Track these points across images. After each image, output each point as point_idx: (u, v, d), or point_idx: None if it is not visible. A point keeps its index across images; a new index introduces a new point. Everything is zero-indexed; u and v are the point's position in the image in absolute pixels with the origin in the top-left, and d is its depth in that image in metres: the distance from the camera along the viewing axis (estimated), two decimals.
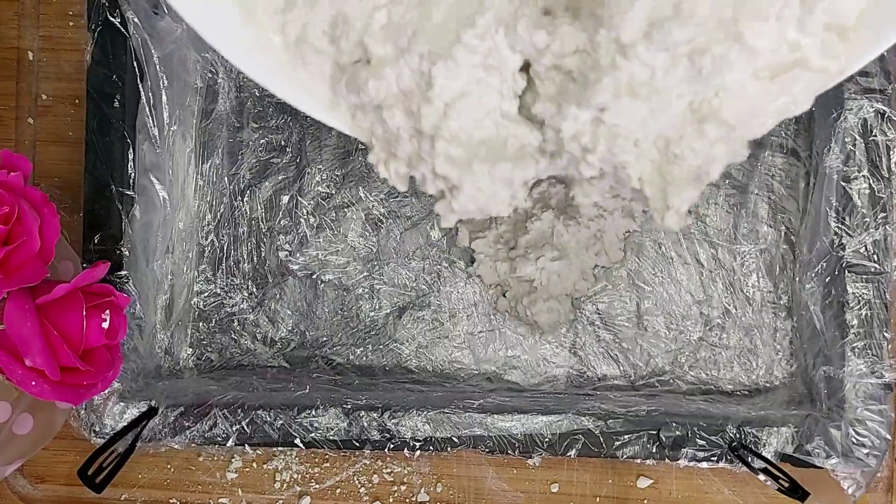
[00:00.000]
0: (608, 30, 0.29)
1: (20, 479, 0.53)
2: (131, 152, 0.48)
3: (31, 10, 0.53)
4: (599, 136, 0.31)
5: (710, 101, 0.30)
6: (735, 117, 0.30)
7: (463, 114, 0.32)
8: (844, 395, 0.46)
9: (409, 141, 0.34)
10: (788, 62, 0.29)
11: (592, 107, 0.30)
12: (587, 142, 0.31)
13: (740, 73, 0.29)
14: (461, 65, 0.32)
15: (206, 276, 0.54)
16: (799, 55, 0.29)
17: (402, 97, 0.33)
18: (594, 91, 0.30)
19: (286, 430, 0.48)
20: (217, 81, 0.54)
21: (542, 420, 0.47)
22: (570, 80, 0.31)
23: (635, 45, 0.29)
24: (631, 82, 0.29)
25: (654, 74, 0.29)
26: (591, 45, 0.30)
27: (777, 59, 0.29)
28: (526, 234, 0.51)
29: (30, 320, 0.39)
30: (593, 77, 0.30)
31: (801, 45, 0.29)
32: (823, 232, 0.48)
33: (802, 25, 0.29)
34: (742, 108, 0.30)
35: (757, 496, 0.50)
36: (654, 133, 0.31)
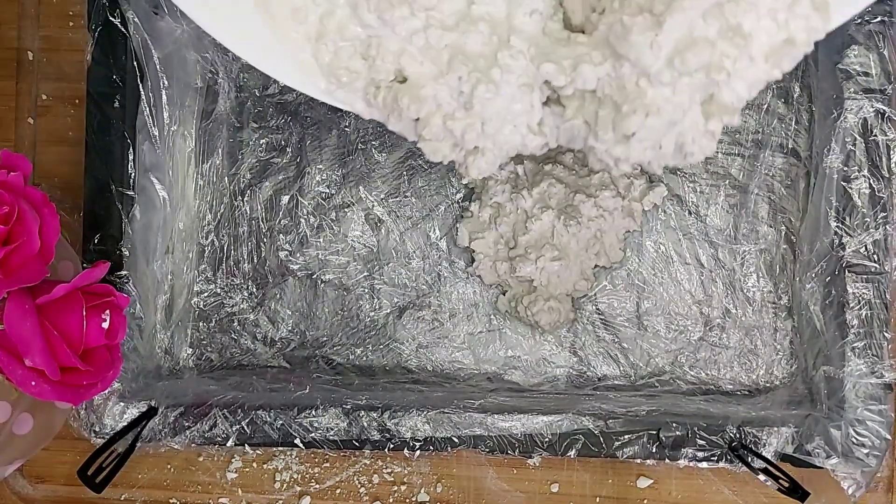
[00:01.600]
0: (634, 65, 0.32)
1: (20, 479, 0.53)
2: (131, 152, 0.48)
3: (31, 11, 0.53)
4: (631, 149, 0.34)
5: (713, 95, 0.33)
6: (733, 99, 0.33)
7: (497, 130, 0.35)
8: (844, 395, 0.46)
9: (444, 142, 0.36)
10: (780, 42, 0.32)
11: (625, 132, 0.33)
12: (619, 154, 0.34)
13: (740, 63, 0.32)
14: (500, 85, 0.34)
15: (206, 276, 0.54)
16: (787, 35, 0.32)
17: (437, 111, 0.35)
18: (629, 123, 0.32)
19: (286, 430, 0.48)
20: (217, 81, 0.54)
21: (542, 420, 0.47)
22: (597, 101, 0.34)
23: (660, 73, 0.31)
24: (655, 102, 0.32)
25: (675, 91, 0.32)
26: (616, 74, 0.32)
27: (771, 43, 0.32)
28: (526, 234, 0.51)
29: (30, 320, 0.39)
30: (626, 109, 0.32)
31: (790, 28, 0.32)
32: (823, 232, 0.48)
33: (792, 10, 0.32)
34: (739, 89, 0.33)
35: (757, 496, 0.50)
36: (674, 135, 0.33)
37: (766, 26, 0.32)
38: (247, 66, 0.54)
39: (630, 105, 0.32)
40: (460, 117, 0.35)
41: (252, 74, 0.54)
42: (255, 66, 0.37)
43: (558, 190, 0.51)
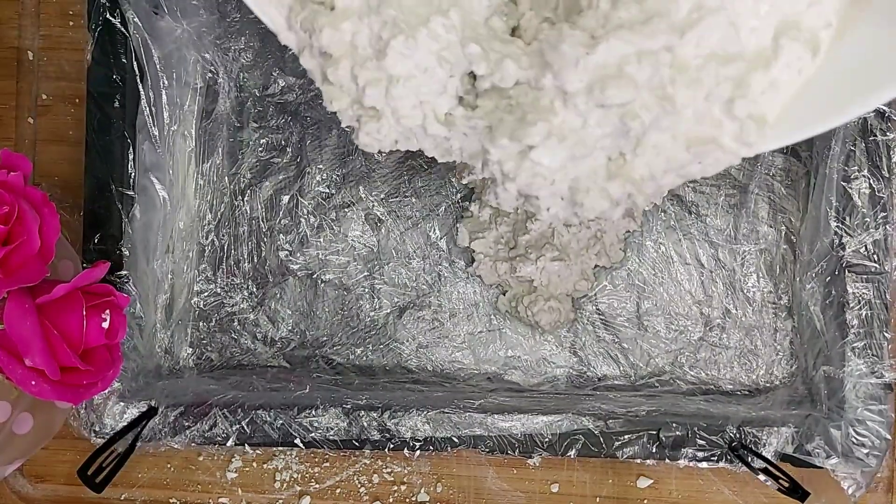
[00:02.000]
0: (555, 77, 0.31)
1: (20, 479, 0.53)
2: (131, 152, 0.48)
3: (31, 10, 0.53)
4: (522, 169, 0.32)
5: (626, 157, 0.32)
6: (644, 175, 0.32)
7: (402, 96, 0.33)
8: (844, 395, 0.46)
9: (345, 91, 0.35)
10: (706, 136, 0.31)
11: (523, 143, 0.32)
12: (510, 170, 0.33)
13: (661, 135, 0.31)
14: (420, 46, 0.32)
15: (206, 275, 0.54)
16: (717, 133, 0.31)
17: (350, 53, 0.33)
18: (528, 131, 0.31)
19: (286, 429, 0.48)
20: (217, 81, 0.54)
21: (542, 420, 0.47)
22: (508, 108, 0.33)
23: (576, 95, 0.30)
24: (562, 127, 0.31)
25: (585, 124, 0.31)
26: (536, 84, 0.31)
27: (697, 130, 0.31)
28: (526, 234, 0.51)
29: (30, 320, 0.39)
30: (531, 118, 0.31)
31: (722, 125, 0.31)
32: (823, 232, 0.48)
33: (730, 108, 0.31)
34: (654, 167, 0.32)
35: (757, 496, 0.50)
36: (570, 176, 0.33)
37: (699, 110, 0.31)
38: (247, 65, 0.54)
39: (536, 116, 0.31)
40: (369, 68, 0.33)
41: (252, 74, 0.54)
42: None
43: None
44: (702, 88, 0.30)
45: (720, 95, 0.31)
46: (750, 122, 0.31)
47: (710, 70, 0.30)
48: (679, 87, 0.30)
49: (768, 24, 0.31)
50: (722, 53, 0.30)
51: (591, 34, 0.30)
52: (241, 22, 0.54)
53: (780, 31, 0.31)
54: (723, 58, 0.30)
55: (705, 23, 0.30)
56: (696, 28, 0.30)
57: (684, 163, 0.32)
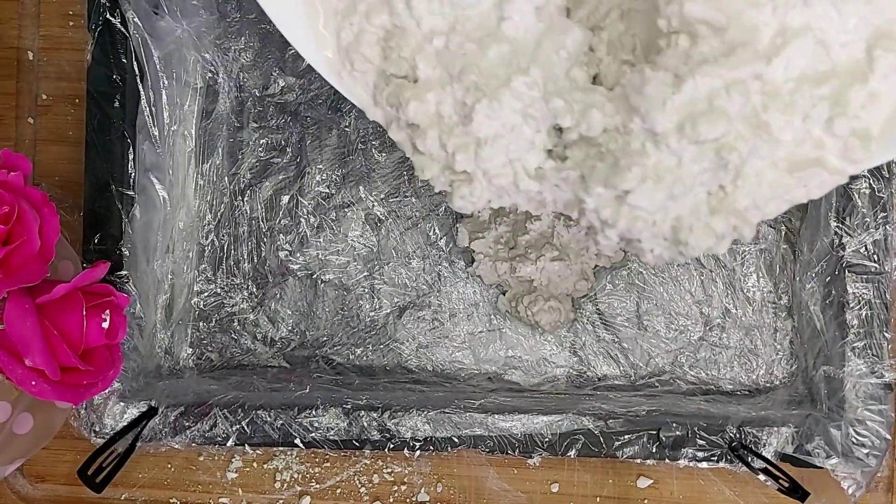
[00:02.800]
0: (643, 120, 0.30)
1: (20, 479, 0.53)
2: (131, 152, 0.48)
3: (31, 10, 0.53)
4: (621, 215, 0.32)
5: (726, 189, 0.31)
6: (748, 205, 0.31)
7: (491, 157, 0.33)
8: (844, 395, 0.46)
9: (435, 159, 0.35)
10: (809, 158, 0.30)
11: (619, 189, 0.31)
12: (608, 217, 0.32)
13: (760, 163, 0.30)
14: (504, 107, 0.32)
15: (206, 275, 0.54)
16: (820, 154, 0.30)
17: (437, 122, 0.34)
18: (623, 177, 0.31)
19: (286, 430, 0.48)
20: (217, 81, 0.54)
21: (543, 420, 0.47)
22: (598, 156, 0.32)
23: (667, 136, 0.30)
24: (657, 168, 0.30)
25: (680, 163, 0.30)
26: (625, 129, 0.31)
27: (798, 153, 0.30)
28: (526, 234, 0.51)
29: (30, 320, 0.39)
30: (624, 163, 0.31)
31: (825, 145, 0.30)
32: (823, 232, 0.48)
33: (830, 127, 0.30)
34: (756, 196, 0.31)
35: (757, 496, 0.50)
36: (671, 216, 0.32)
37: (797, 133, 0.30)
38: (247, 65, 0.54)
39: (629, 160, 0.31)
40: (457, 134, 0.33)
41: (252, 74, 0.54)
42: (272, 18, 0.36)
43: None
44: (798, 111, 0.29)
45: (818, 116, 0.30)
46: (853, 139, 0.30)
47: (803, 92, 0.29)
48: (773, 112, 0.29)
49: (859, 37, 0.30)
50: (813, 74, 0.29)
51: (674, 73, 0.29)
52: (240, 22, 0.54)
53: (873, 43, 0.30)
54: (815, 78, 0.29)
55: (792, 46, 0.29)
56: (782, 52, 0.29)
57: (789, 188, 0.31)
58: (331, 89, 0.54)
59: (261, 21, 0.54)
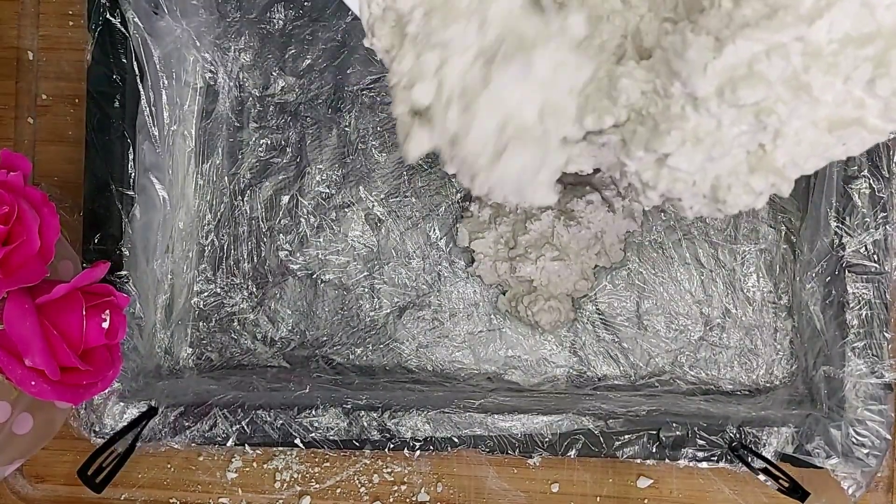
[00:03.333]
0: (684, 84, 0.30)
1: (20, 479, 0.53)
2: (131, 152, 0.48)
3: (31, 10, 0.53)
4: (661, 177, 0.32)
5: (765, 148, 0.31)
6: (786, 162, 0.31)
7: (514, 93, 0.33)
8: (844, 395, 0.46)
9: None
10: (849, 118, 0.30)
11: (659, 152, 0.32)
12: (649, 179, 0.33)
13: (800, 122, 0.30)
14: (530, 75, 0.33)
15: (206, 275, 0.54)
16: (860, 113, 0.30)
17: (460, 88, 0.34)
18: (663, 141, 0.31)
19: (286, 429, 0.48)
20: (217, 81, 0.54)
21: (543, 420, 0.47)
22: (639, 119, 0.32)
23: (707, 100, 0.30)
24: (696, 131, 0.31)
25: (720, 126, 0.30)
26: (665, 93, 0.31)
27: (839, 113, 0.30)
28: (526, 234, 0.51)
29: (30, 320, 0.39)
30: (664, 127, 0.31)
31: (865, 105, 0.30)
32: (823, 232, 0.48)
33: (871, 87, 0.30)
34: (795, 154, 0.31)
35: (757, 496, 0.50)
36: (710, 176, 0.32)
37: (838, 93, 0.30)
38: (247, 65, 0.54)
39: (669, 125, 0.31)
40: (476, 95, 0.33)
41: (252, 74, 0.54)
42: None
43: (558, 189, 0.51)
44: (839, 73, 0.29)
45: (860, 77, 0.30)
46: (895, 98, 0.30)
47: (847, 53, 0.29)
48: (814, 73, 0.29)
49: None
50: (857, 35, 0.29)
51: (715, 36, 0.29)
52: (240, 22, 0.54)
53: None
54: (859, 39, 0.29)
55: (836, 7, 0.29)
56: (826, 14, 0.29)
57: (828, 146, 0.31)
58: (331, 88, 0.54)
59: (261, 21, 0.54)
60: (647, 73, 0.32)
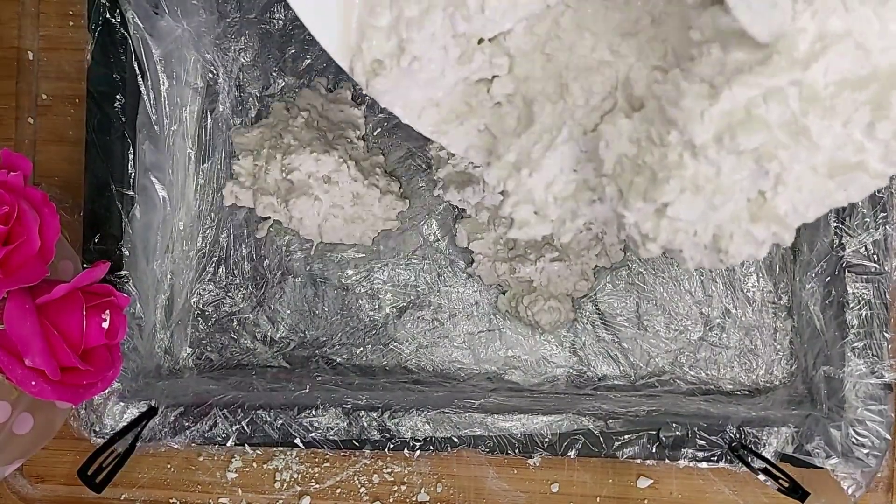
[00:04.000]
0: (681, 133, 0.30)
1: (20, 479, 0.53)
2: (131, 152, 0.48)
3: (31, 10, 0.53)
4: (661, 228, 0.32)
5: (766, 195, 0.31)
6: (787, 210, 0.31)
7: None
8: (844, 395, 0.46)
9: None
10: (850, 163, 0.30)
11: (658, 202, 0.31)
12: (648, 230, 0.32)
13: (800, 168, 0.30)
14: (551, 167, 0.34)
15: (206, 275, 0.54)
16: (861, 157, 0.30)
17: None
18: (662, 190, 0.31)
19: (286, 429, 0.48)
20: (217, 81, 0.54)
21: (543, 420, 0.47)
22: (635, 170, 0.32)
23: (706, 147, 0.30)
24: (696, 179, 0.30)
25: (719, 172, 0.30)
26: (661, 141, 0.31)
27: (839, 158, 0.30)
28: None
29: (30, 320, 0.39)
30: (662, 175, 0.31)
31: (865, 149, 0.30)
32: (823, 232, 0.48)
33: (871, 131, 0.30)
34: (796, 202, 0.31)
35: (757, 496, 0.50)
36: (712, 224, 0.32)
37: (837, 137, 0.29)
38: (247, 65, 0.54)
39: (667, 173, 0.31)
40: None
41: (252, 74, 0.54)
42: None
43: None
44: (838, 116, 0.29)
45: (859, 120, 0.29)
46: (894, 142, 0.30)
47: (844, 97, 0.29)
48: (812, 118, 0.29)
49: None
50: (854, 78, 0.29)
51: (709, 83, 0.29)
52: (240, 22, 0.54)
53: None
54: (856, 82, 0.29)
55: (832, 51, 0.28)
56: (822, 58, 0.28)
57: (829, 192, 0.31)
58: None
59: (261, 21, 0.54)
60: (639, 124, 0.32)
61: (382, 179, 0.53)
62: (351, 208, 0.52)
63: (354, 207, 0.52)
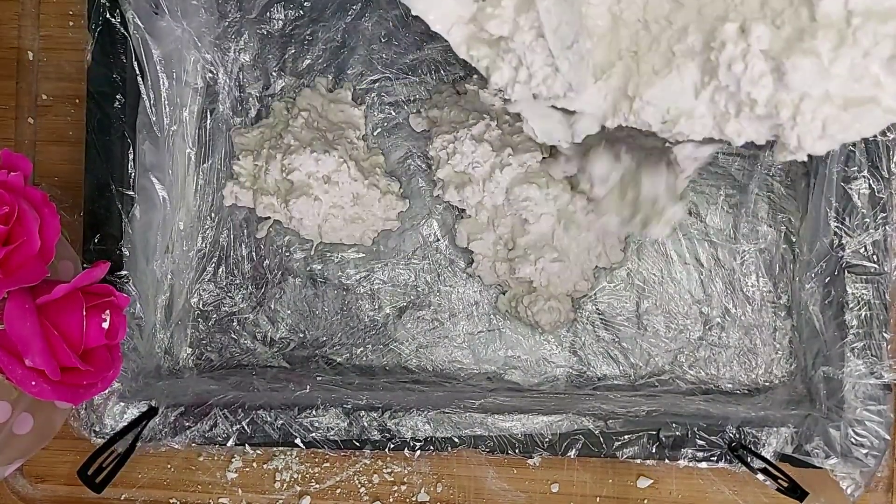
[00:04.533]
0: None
1: (20, 479, 0.53)
2: (131, 152, 0.48)
3: (31, 10, 0.53)
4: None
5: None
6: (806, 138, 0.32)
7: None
8: (844, 395, 0.46)
9: None
10: (864, 96, 0.31)
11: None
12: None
13: (817, 88, 0.31)
14: None
15: (206, 275, 0.54)
16: (876, 92, 0.30)
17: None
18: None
19: (286, 429, 0.48)
20: (217, 81, 0.54)
21: (543, 420, 0.47)
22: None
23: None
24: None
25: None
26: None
27: (854, 90, 0.31)
28: (525, 235, 0.51)
29: (30, 320, 0.39)
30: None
31: (881, 83, 0.30)
32: (823, 232, 0.48)
33: (891, 66, 0.30)
34: (816, 129, 0.32)
35: (757, 496, 0.50)
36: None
37: (856, 68, 0.30)
38: (247, 65, 0.54)
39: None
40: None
41: (252, 74, 0.54)
42: None
43: (559, 193, 0.51)
44: (859, 47, 0.30)
45: (879, 54, 0.30)
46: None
47: (867, 28, 0.29)
48: (824, 42, 0.30)
49: None
50: (880, 10, 0.29)
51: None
52: (240, 22, 0.54)
53: None
54: (881, 14, 0.29)
55: None
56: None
57: (845, 125, 0.31)
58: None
59: (261, 21, 0.54)
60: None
61: (382, 179, 0.53)
62: (351, 208, 0.52)
63: (354, 207, 0.52)
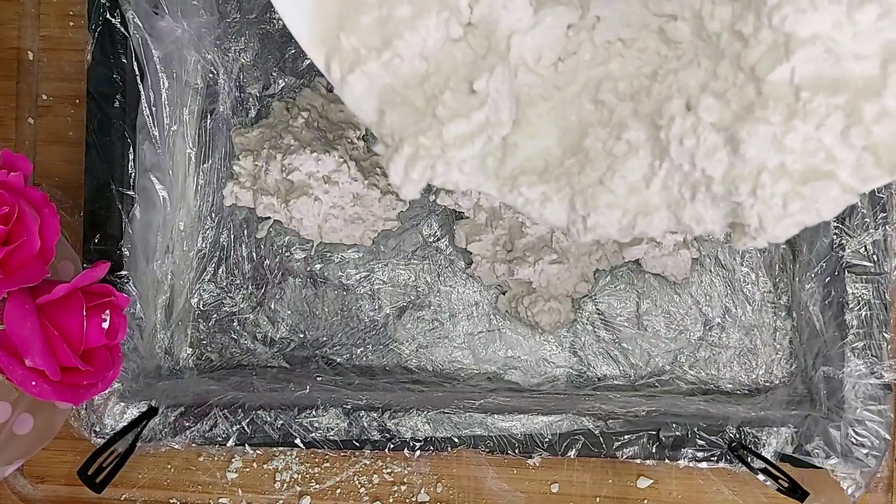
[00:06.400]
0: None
1: (20, 479, 0.53)
2: (131, 152, 0.48)
3: (31, 10, 0.53)
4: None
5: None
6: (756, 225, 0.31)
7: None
8: (844, 395, 0.46)
9: None
10: (823, 171, 0.30)
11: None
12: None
13: (773, 160, 0.30)
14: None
15: (206, 275, 0.54)
16: (832, 167, 0.30)
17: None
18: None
19: (286, 430, 0.48)
20: (217, 81, 0.54)
21: (542, 420, 0.47)
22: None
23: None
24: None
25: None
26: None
27: (811, 164, 0.30)
28: (523, 237, 0.51)
29: (30, 320, 0.39)
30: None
31: (836, 158, 0.30)
32: (823, 232, 0.48)
33: (846, 137, 0.29)
34: (776, 207, 0.30)
35: (757, 496, 0.50)
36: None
37: (809, 141, 0.29)
38: (247, 65, 0.54)
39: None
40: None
41: (252, 74, 0.54)
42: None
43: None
44: (811, 120, 0.29)
45: (832, 126, 0.29)
46: (866, 155, 0.30)
47: (817, 101, 0.29)
48: (775, 116, 0.29)
49: (874, 50, 0.29)
50: (827, 82, 0.29)
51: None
52: (240, 22, 0.54)
53: (888, 58, 0.29)
54: (829, 87, 0.29)
55: (798, 54, 0.29)
56: (791, 59, 0.29)
57: (806, 203, 0.30)
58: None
59: (261, 21, 0.54)
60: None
61: (382, 179, 0.53)
62: (351, 208, 0.52)
63: (354, 207, 0.52)
